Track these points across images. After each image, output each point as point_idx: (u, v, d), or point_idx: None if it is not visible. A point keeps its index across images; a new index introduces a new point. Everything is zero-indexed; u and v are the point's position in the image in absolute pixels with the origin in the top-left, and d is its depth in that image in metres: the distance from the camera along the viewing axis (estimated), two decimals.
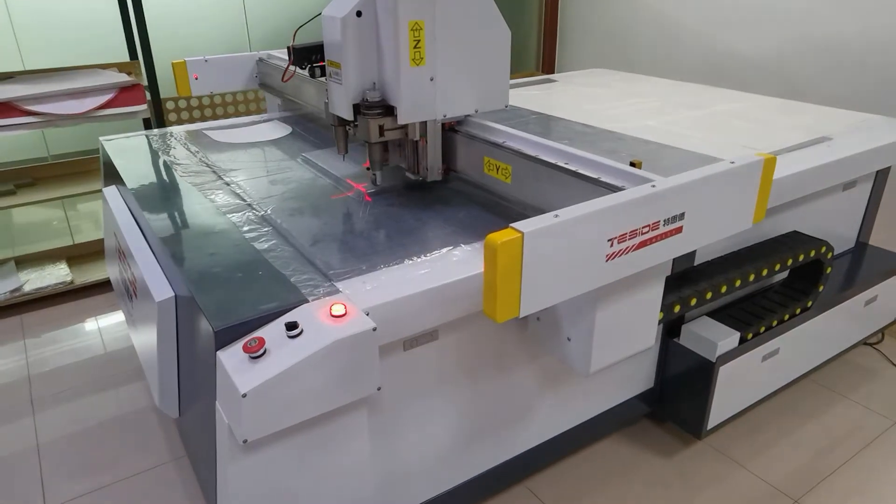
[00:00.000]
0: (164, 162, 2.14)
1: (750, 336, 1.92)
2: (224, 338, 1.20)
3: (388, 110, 1.63)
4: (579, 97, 2.66)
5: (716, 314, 1.98)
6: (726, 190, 1.41)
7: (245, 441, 1.14)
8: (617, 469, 2.00)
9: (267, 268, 1.42)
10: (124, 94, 2.82)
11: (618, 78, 3.09)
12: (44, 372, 2.49)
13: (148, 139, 2.40)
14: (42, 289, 2.93)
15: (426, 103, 1.62)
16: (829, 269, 2.04)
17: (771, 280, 2.15)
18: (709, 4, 3.36)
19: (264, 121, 2.65)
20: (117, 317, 2.86)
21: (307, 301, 1.28)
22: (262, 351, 1.16)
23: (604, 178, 1.42)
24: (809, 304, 2.04)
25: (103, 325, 2.80)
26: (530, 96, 2.69)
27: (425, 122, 1.69)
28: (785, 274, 2.14)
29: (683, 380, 1.96)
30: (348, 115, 1.65)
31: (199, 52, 3.72)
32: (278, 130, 2.49)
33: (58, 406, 2.30)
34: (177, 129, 2.54)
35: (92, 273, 3.10)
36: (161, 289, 1.50)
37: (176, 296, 1.47)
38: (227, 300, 1.28)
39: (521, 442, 1.83)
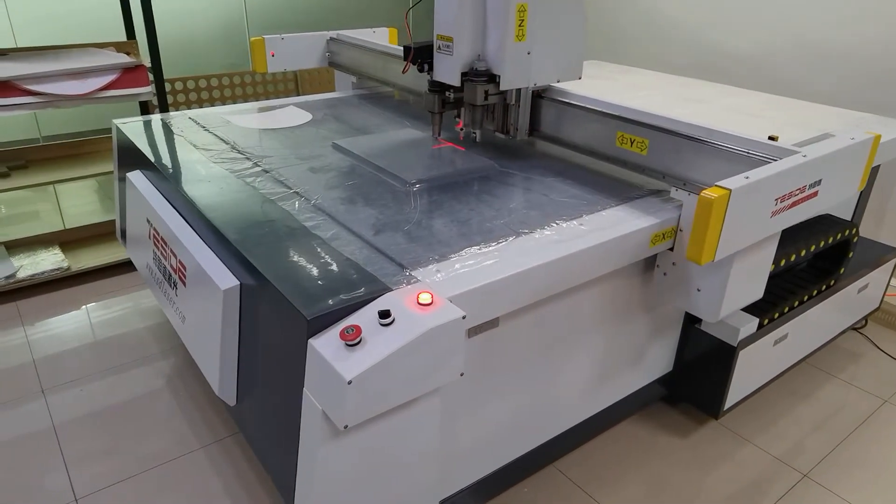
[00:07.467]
0: (190, 147, 2.11)
1: (766, 322, 2.04)
2: (316, 326, 1.22)
3: (491, 78, 1.90)
4: (588, 88, 2.72)
5: None
6: (848, 160, 1.71)
7: (346, 427, 1.17)
8: (638, 449, 2.10)
9: (338, 255, 1.43)
10: (127, 75, 2.74)
11: (615, 70, 3.17)
12: (48, 358, 2.43)
13: (163, 122, 2.35)
14: (37, 275, 2.84)
15: (523, 73, 1.91)
16: (850, 254, 2.19)
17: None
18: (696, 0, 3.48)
19: (282, 106, 2.62)
20: (117, 303, 2.80)
21: (390, 289, 1.30)
22: (359, 339, 1.18)
23: (752, 151, 1.63)
24: (832, 283, 2.18)
25: (103, 312, 2.73)
26: None
27: (519, 88, 1.99)
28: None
29: (703, 363, 2.07)
30: (456, 81, 1.90)
31: (195, 35, 3.62)
32: (298, 117, 2.48)
33: (67, 392, 2.25)
34: (191, 113, 2.49)
35: (85, 259, 3.01)
36: (224, 277, 1.49)
37: (241, 284, 1.47)
38: (312, 288, 1.30)
39: (553, 427, 1.90)
